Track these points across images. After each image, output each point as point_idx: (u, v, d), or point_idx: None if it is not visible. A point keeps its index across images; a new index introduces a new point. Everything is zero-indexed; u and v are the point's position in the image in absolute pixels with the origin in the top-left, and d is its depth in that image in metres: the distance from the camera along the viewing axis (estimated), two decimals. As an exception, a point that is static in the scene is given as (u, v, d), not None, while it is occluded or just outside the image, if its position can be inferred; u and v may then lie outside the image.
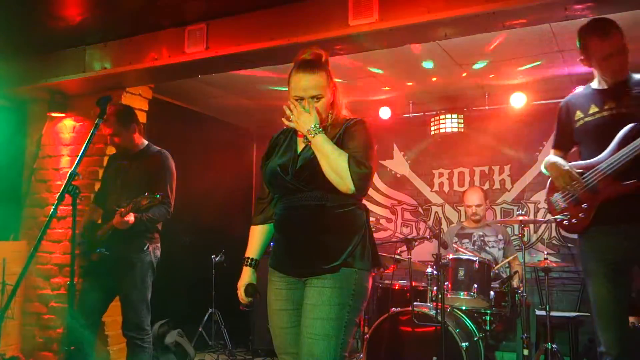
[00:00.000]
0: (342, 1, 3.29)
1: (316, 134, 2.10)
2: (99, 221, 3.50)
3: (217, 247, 5.58)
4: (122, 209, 3.13)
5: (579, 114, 2.59)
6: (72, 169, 2.39)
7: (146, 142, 3.56)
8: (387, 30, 3.26)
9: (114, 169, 3.56)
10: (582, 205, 2.52)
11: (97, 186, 4.48)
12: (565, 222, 2.60)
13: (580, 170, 2.53)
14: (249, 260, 2.41)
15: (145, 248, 3.37)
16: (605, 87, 2.55)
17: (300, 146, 2.27)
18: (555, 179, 2.61)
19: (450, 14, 3.09)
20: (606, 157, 2.46)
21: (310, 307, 2.14)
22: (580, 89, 2.69)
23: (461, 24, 3.23)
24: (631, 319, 4.14)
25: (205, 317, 5.46)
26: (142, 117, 4.67)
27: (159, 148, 3.54)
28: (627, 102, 2.46)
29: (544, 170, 2.78)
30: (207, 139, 5.97)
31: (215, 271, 5.50)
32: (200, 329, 5.44)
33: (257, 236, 2.44)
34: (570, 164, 2.58)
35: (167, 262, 3.66)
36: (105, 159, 4.49)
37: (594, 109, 2.54)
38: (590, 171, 2.49)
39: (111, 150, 4.49)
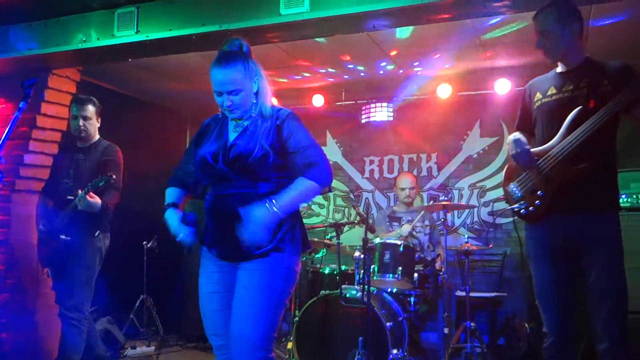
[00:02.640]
0: (274, -10, 3.34)
1: (276, 209, 2.10)
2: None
3: (149, 233, 5.53)
4: (88, 194, 3.30)
5: (538, 96, 2.60)
6: (-6, 153, 2.36)
7: (98, 136, 3.77)
8: (317, 21, 3.32)
9: (68, 160, 3.70)
10: (538, 193, 2.51)
11: (22, 171, 4.37)
12: (522, 211, 2.58)
13: (535, 158, 2.52)
14: (171, 205, 2.38)
15: (96, 234, 3.56)
16: (566, 69, 2.57)
17: (232, 135, 2.31)
18: (514, 155, 2.55)
19: (379, 6, 3.19)
20: (557, 142, 2.45)
21: (241, 289, 2.21)
22: (544, 74, 2.69)
23: (389, 16, 3.33)
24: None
25: (137, 304, 5.42)
26: (69, 100, 4.54)
27: (108, 142, 3.75)
28: (584, 85, 2.46)
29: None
30: (139, 123, 5.86)
31: (147, 257, 5.46)
32: (131, 316, 5.39)
33: (175, 191, 2.46)
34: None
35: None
36: (31, 142, 4.37)
37: (552, 90, 2.55)
38: (544, 157, 2.48)
39: (37, 134, 4.38)
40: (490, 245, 5.33)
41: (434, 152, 5.97)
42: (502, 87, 5.08)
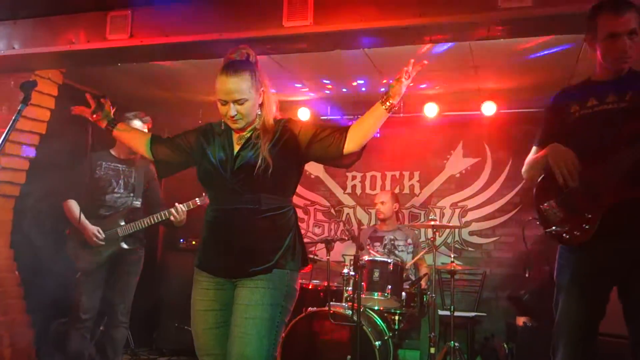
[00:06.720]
0: (277, 2, 3.29)
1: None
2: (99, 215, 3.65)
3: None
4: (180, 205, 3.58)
5: (575, 107, 2.29)
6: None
7: None
8: (320, 34, 3.31)
9: (110, 170, 3.70)
10: (586, 215, 2.17)
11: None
12: (564, 234, 2.23)
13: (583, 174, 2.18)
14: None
15: (145, 242, 3.86)
16: (607, 79, 2.28)
17: (237, 146, 2.26)
18: (555, 163, 2.20)
19: (382, 24, 3.20)
20: (609, 159, 2.15)
21: (243, 307, 2.14)
22: (577, 83, 2.40)
23: (390, 34, 3.34)
24: (523, 319, 4.48)
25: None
26: (50, 103, 4.40)
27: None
28: (629, 97, 2.19)
29: (525, 170, 2.44)
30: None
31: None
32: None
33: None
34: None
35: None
36: (7, 144, 4.18)
37: (593, 102, 2.26)
38: (592, 175, 2.16)
39: (14, 136, 4.20)
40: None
41: (417, 170, 6.00)
42: (489, 109, 5.14)
